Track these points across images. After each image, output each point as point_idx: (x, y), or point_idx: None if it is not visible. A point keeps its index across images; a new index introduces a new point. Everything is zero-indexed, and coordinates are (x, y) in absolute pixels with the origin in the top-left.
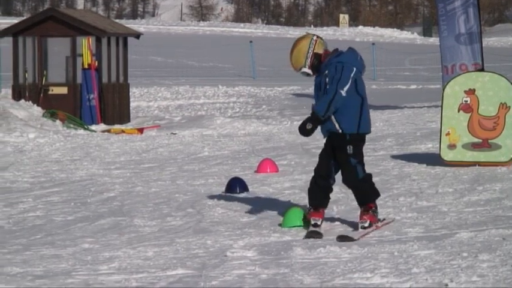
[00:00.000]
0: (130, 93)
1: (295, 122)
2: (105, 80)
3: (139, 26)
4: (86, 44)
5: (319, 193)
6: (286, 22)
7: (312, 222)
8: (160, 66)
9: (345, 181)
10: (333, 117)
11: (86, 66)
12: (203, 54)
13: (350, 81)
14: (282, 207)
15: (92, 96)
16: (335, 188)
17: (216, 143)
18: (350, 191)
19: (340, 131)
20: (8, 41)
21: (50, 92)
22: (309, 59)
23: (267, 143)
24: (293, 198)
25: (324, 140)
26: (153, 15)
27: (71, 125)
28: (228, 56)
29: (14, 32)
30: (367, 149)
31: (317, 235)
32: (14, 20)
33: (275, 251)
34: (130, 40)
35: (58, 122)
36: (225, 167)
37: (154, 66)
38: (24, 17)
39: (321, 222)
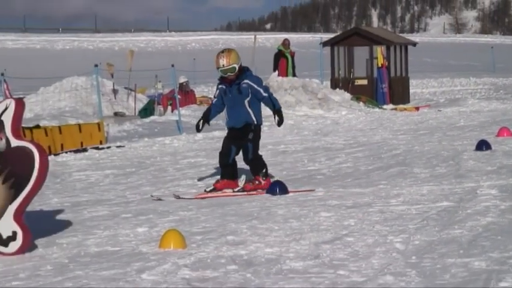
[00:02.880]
0: (409, 83)
1: None
2: (392, 74)
3: (415, 37)
4: (379, 50)
5: (222, 169)
6: None
7: (212, 187)
8: (430, 64)
9: (244, 159)
10: (251, 112)
11: (379, 65)
12: (459, 55)
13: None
14: None
15: (384, 85)
16: None
17: (468, 116)
18: None
19: (256, 122)
20: (326, 49)
21: (356, 83)
22: (239, 65)
23: (504, 116)
24: None
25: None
26: (425, 30)
27: (370, 105)
28: (476, 57)
29: (331, 43)
30: None
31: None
32: (330, 35)
33: (511, 190)
34: (409, 47)
35: (360, 103)
36: (475, 132)
37: (425, 65)
38: (338, 33)
39: (213, 189)
